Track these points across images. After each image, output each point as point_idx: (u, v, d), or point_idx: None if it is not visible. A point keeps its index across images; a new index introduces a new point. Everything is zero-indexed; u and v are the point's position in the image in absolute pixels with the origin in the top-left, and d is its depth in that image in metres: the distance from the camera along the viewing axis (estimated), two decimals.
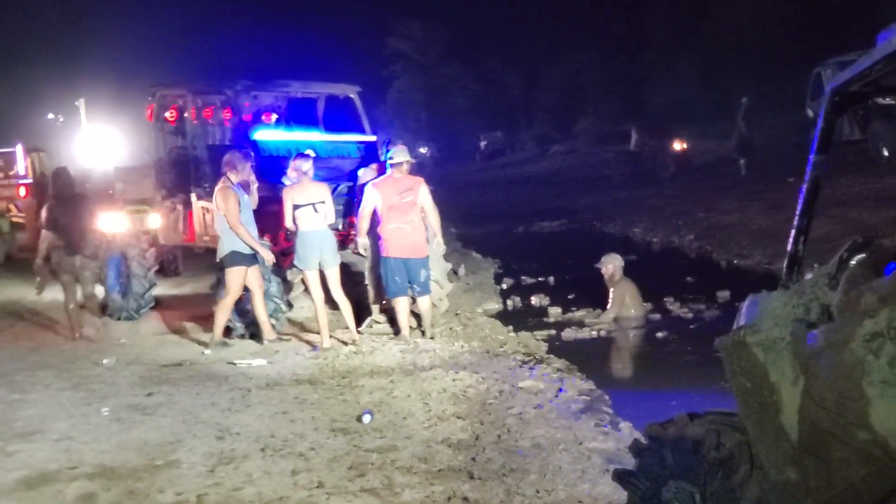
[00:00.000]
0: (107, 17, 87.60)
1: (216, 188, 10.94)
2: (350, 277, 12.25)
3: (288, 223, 10.87)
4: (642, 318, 12.40)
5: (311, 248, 10.77)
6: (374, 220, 11.13)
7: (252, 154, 12.36)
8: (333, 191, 11.57)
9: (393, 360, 10.31)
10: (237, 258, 10.83)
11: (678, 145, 36.94)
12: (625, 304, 12.50)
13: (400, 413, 8.20)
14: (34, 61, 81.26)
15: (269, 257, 10.99)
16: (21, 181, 25.35)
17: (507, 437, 7.42)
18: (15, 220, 23.54)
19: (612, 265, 12.83)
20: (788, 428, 3.65)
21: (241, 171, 11.09)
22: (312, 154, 11.30)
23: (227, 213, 10.68)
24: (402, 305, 11.24)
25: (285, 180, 11.31)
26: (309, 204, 10.74)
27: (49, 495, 6.59)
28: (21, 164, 25.88)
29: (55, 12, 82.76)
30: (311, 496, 6.30)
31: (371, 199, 11.07)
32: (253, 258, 10.91)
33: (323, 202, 10.85)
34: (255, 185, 11.38)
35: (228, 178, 10.91)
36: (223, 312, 11.14)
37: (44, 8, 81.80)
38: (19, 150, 26.10)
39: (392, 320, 11.85)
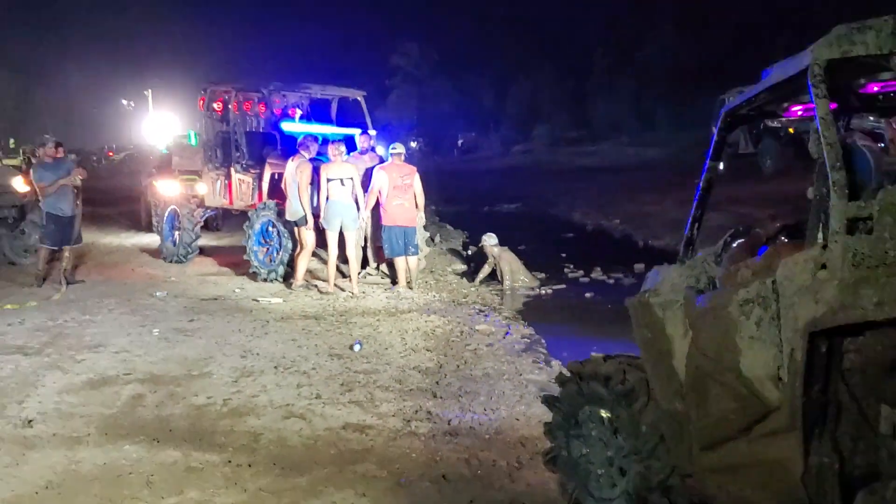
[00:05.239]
0: (169, 21, 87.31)
1: (294, 161, 10.93)
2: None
3: (323, 193, 10.76)
4: (534, 285, 12.19)
5: (334, 213, 10.71)
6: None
7: (278, 138, 12.58)
8: None
9: (380, 304, 10.35)
10: (304, 220, 10.88)
11: None
12: (513, 270, 12.28)
13: (383, 345, 8.26)
14: (111, 56, 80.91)
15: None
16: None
17: (464, 367, 7.50)
18: None
19: (486, 240, 12.58)
20: (678, 370, 3.70)
21: (311, 151, 11.15)
22: (364, 141, 11.49)
23: (301, 181, 10.75)
24: (401, 264, 11.23)
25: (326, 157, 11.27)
26: (338, 179, 10.71)
27: (108, 395, 6.63)
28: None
29: (127, 15, 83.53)
30: (311, 405, 6.35)
31: (380, 180, 11.00)
32: (305, 219, 10.89)
33: (350, 178, 10.79)
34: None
35: (303, 155, 10.96)
36: (302, 262, 11.15)
37: (120, 13, 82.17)
38: None
39: (388, 276, 11.91)
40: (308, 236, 10.98)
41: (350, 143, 12.34)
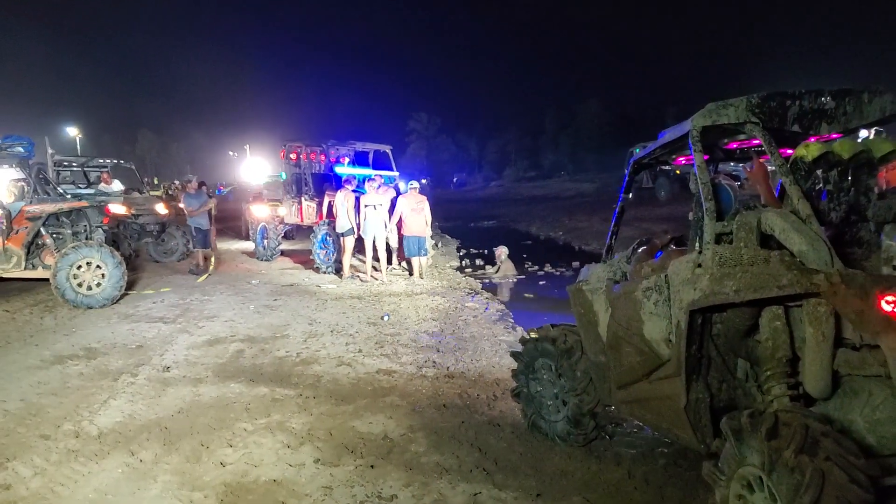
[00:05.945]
0: (260, 97, 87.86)
1: (341, 192, 10.77)
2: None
3: (362, 214, 10.65)
4: (515, 277, 12.14)
5: (370, 228, 10.60)
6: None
7: (333, 178, 12.52)
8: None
9: (401, 288, 10.29)
10: (349, 232, 10.76)
11: None
12: (507, 269, 12.42)
13: (403, 316, 8.21)
14: (221, 120, 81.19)
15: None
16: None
17: (457, 331, 7.46)
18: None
19: (499, 251, 12.86)
20: (602, 334, 3.68)
21: (353, 185, 11.02)
22: (377, 179, 11.23)
23: (347, 206, 10.62)
24: (415, 261, 11.16)
25: (362, 190, 11.14)
26: (372, 204, 10.62)
27: (220, 350, 6.59)
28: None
29: (233, 92, 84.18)
30: (355, 356, 6.32)
31: (402, 205, 10.97)
32: (352, 231, 10.76)
33: (381, 204, 10.66)
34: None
35: (347, 188, 10.84)
36: (346, 260, 10.99)
37: (227, 90, 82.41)
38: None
39: (407, 269, 11.83)
40: (349, 243, 10.87)
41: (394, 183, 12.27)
